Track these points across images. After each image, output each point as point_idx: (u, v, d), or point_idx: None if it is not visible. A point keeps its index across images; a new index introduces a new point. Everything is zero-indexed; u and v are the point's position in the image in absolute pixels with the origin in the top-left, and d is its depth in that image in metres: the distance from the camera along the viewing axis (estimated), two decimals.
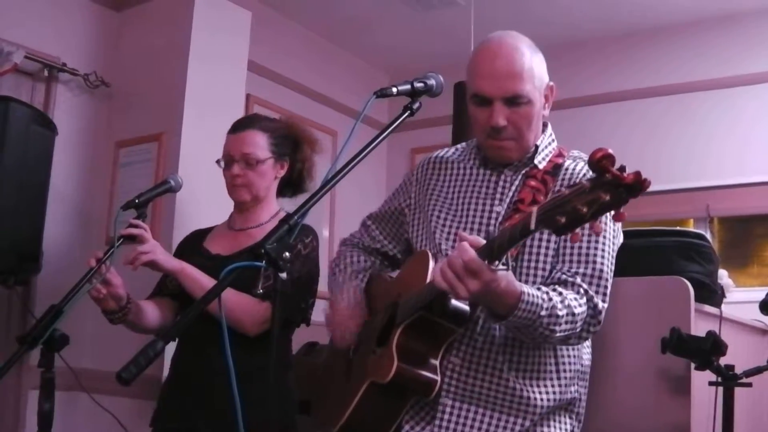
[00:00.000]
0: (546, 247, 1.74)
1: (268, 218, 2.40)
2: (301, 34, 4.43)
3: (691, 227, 4.01)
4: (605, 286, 1.72)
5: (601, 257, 1.72)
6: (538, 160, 1.81)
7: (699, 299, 2.38)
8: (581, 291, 1.68)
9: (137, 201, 2.23)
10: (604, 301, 1.71)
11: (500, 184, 1.83)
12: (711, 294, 2.53)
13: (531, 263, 1.74)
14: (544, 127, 1.89)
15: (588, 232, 1.67)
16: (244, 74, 3.53)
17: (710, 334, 2.13)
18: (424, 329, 1.62)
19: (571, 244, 1.72)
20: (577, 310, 1.63)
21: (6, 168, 2.73)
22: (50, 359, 1.99)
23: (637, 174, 1.19)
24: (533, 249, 1.74)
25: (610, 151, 1.21)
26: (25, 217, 2.83)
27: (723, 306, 2.57)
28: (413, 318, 1.66)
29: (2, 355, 2.84)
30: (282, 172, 2.45)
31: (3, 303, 3.14)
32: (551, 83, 1.82)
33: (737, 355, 2.31)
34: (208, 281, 2.15)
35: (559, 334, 1.62)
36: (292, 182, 2.53)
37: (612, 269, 1.76)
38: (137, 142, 3.34)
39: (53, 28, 3.36)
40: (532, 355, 1.74)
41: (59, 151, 3.06)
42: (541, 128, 1.86)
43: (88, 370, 3.00)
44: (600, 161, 1.20)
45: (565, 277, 1.70)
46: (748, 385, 2.24)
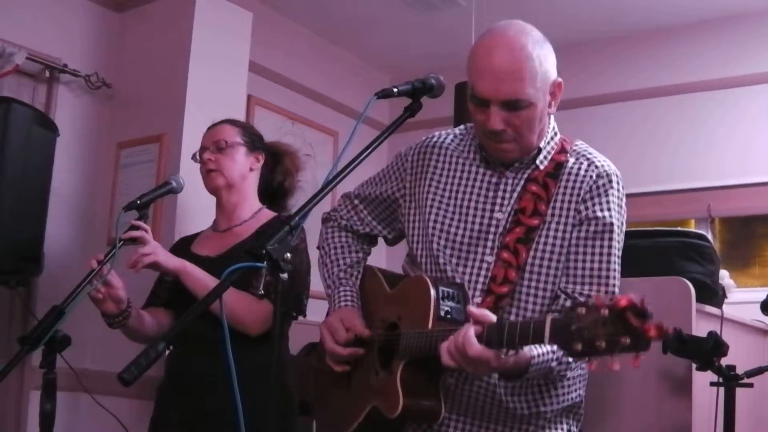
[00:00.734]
0: (552, 244, 1.69)
1: (251, 215, 2.40)
2: (303, 35, 4.43)
3: (692, 228, 4.00)
4: None
5: (614, 277, 1.68)
6: (539, 160, 1.72)
7: (700, 300, 2.38)
8: None
9: (139, 202, 2.23)
10: None
11: (501, 187, 1.74)
12: (712, 294, 2.53)
13: (543, 263, 1.69)
14: None
15: (598, 250, 1.67)
16: (245, 75, 3.53)
17: (711, 334, 2.13)
18: (426, 363, 1.61)
19: (581, 260, 1.68)
20: None
21: (7, 169, 2.73)
22: (52, 360, 1.99)
23: (659, 327, 1.15)
24: (540, 246, 1.69)
25: (635, 300, 1.17)
26: (26, 218, 2.83)
27: (724, 306, 2.57)
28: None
29: (4, 355, 2.85)
30: (258, 165, 2.45)
31: (4, 304, 3.14)
32: (559, 79, 1.68)
33: (738, 355, 2.31)
34: (211, 280, 2.14)
35: (570, 374, 1.65)
36: (272, 192, 2.53)
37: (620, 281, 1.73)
38: (139, 143, 3.34)
39: (55, 29, 3.36)
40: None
41: (61, 152, 3.06)
42: (545, 127, 1.73)
43: (89, 370, 3.00)
44: (624, 312, 1.17)
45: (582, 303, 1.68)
46: (750, 385, 2.24)
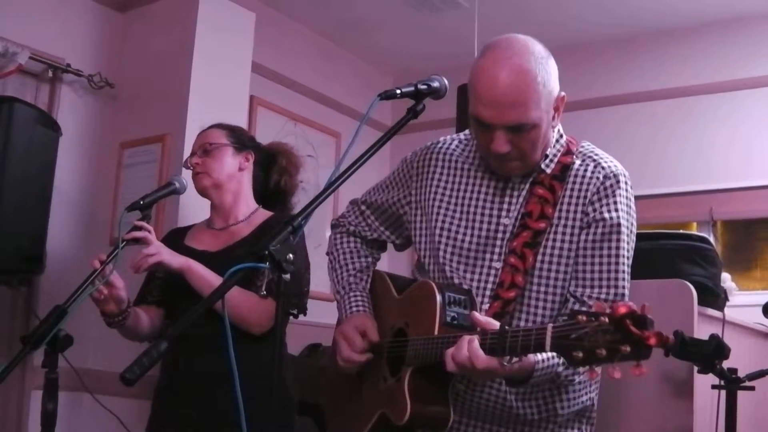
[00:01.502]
0: (560, 247, 1.68)
1: (247, 215, 2.41)
2: (305, 36, 4.44)
3: (694, 230, 4.01)
4: None
5: (623, 279, 1.67)
6: (545, 164, 1.71)
7: (702, 303, 2.38)
8: None
9: (142, 203, 2.23)
10: None
11: (507, 192, 1.74)
12: (714, 297, 2.53)
13: (551, 267, 1.68)
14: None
15: (606, 252, 1.66)
16: (248, 76, 3.53)
17: (713, 337, 2.13)
18: (434, 369, 1.60)
19: (590, 263, 1.67)
20: None
21: (10, 168, 2.74)
22: (54, 360, 1.98)
23: (659, 336, 1.16)
24: (547, 250, 1.68)
25: (634, 307, 1.18)
26: (29, 218, 2.84)
27: (726, 309, 2.57)
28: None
29: (6, 355, 2.85)
30: (248, 165, 2.46)
31: (7, 303, 3.15)
32: (562, 94, 1.67)
33: (740, 358, 2.30)
34: (216, 279, 2.14)
35: (578, 379, 1.64)
36: (271, 192, 2.54)
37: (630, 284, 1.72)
38: (141, 143, 3.34)
39: (58, 29, 3.37)
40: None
41: (63, 151, 3.06)
42: (550, 137, 1.72)
43: (91, 370, 3.01)
44: (623, 320, 1.18)
45: (585, 309, 1.66)
46: (751, 388, 2.24)
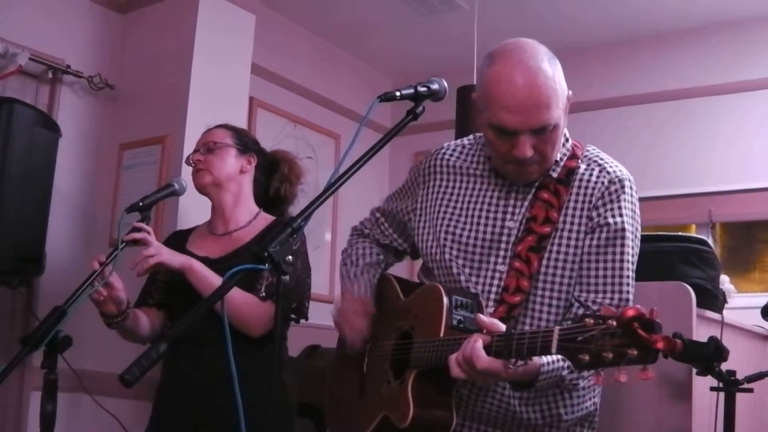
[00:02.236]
0: (565, 252, 1.68)
1: (249, 219, 2.40)
2: (305, 38, 4.44)
3: (693, 233, 4.01)
4: None
5: (627, 284, 1.67)
6: (552, 169, 1.72)
7: (701, 305, 2.39)
8: None
9: (141, 204, 2.23)
10: None
11: (512, 196, 1.74)
12: (713, 299, 2.53)
13: (556, 272, 1.68)
14: None
15: (611, 257, 1.66)
16: (248, 77, 3.54)
17: (712, 339, 2.13)
18: (438, 373, 1.60)
19: (594, 267, 1.67)
20: None
21: (10, 170, 2.74)
22: (53, 361, 1.98)
23: (667, 341, 1.16)
24: (552, 255, 1.68)
25: (643, 310, 1.18)
26: (28, 219, 2.84)
27: (725, 311, 2.58)
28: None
29: (5, 356, 2.85)
30: (250, 168, 2.45)
31: (6, 304, 3.14)
32: (569, 92, 1.67)
33: (739, 360, 2.31)
34: (217, 279, 2.13)
35: (583, 383, 1.63)
36: (269, 199, 2.54)
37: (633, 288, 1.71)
38: (141, 145, 3.35)
39: (58, 30, 3.37)
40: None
41: (63, 153, 3.06)
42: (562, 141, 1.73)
43: (90, 371, 3.00)
44: (631, 323, 1.18)
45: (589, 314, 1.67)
46: (750, 390, 2.24)
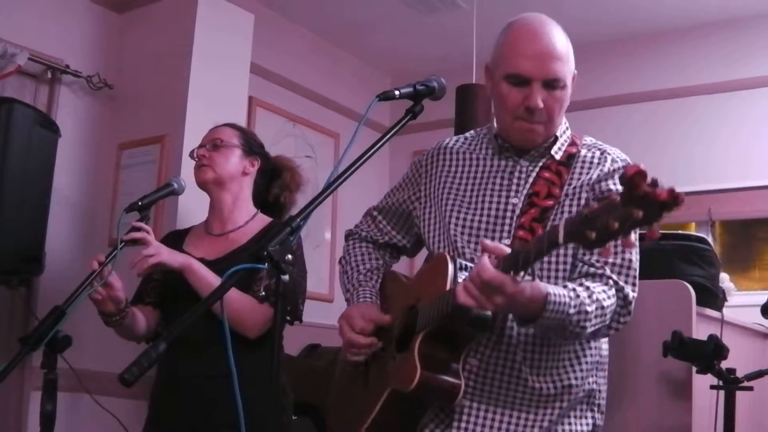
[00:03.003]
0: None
1: (246, 220, 2.40)
2: (304, 37, 4.44)
3: (693, 231, 4.01)
4: (634, 276, 1.69)
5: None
6: (554, 150, 1.78)
7: (700, 303, 2.39)
8: (610, 282, 1.66)
9: (140, 204, 2.23)
10: (634, 290, 1.68)
11: (516, 174, 1.79)
12: (712, 298, 2.53)
13: (552, 259, 1.70)
14: None
15: (618, 242, 1.67)
16: (247, 76, 3.54)
17: (712, 337, 2.14)
18: (445, 336, 1.60)
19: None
20: (606, 303, 1.61)
21: (9, 169, 2.74)
22: (53, 360, 1.99)
23: (671, 191, 1.16)
24: (556, 221, 1.69)
25: (643, 167, 1.18)
26: (27, 219, 2.84)
27: (724, 310, 2.58)
28: (434, 326, 1.63)
29: (5, 356, 2.84)
30: (253, 170, 2.45)
31: (5, 304, 3.15)
32: (575, 71, 1.76)
33: (738, 358, 2.31)
34: (215, 278, 2.13)
35: (589, 329, 1.61)
36: (267, 204, 2.53)
37: (638, 256, 1.73)
38: (140, 144, 3.34)
39: (56, 30, 3.37)
40: (551, 351, 1.71)
41: (62, 152, 3.07)
42: (561, 120, 1.80)
43: (90, 371, 3.00)
44: (633, 178, 1.18)
45: (593, 270, 1.67)
46: (750, 388, 2.24)
